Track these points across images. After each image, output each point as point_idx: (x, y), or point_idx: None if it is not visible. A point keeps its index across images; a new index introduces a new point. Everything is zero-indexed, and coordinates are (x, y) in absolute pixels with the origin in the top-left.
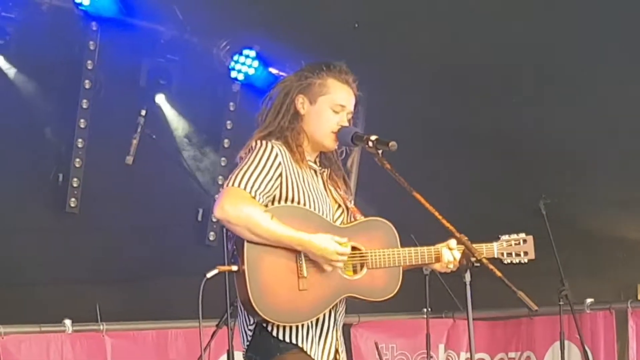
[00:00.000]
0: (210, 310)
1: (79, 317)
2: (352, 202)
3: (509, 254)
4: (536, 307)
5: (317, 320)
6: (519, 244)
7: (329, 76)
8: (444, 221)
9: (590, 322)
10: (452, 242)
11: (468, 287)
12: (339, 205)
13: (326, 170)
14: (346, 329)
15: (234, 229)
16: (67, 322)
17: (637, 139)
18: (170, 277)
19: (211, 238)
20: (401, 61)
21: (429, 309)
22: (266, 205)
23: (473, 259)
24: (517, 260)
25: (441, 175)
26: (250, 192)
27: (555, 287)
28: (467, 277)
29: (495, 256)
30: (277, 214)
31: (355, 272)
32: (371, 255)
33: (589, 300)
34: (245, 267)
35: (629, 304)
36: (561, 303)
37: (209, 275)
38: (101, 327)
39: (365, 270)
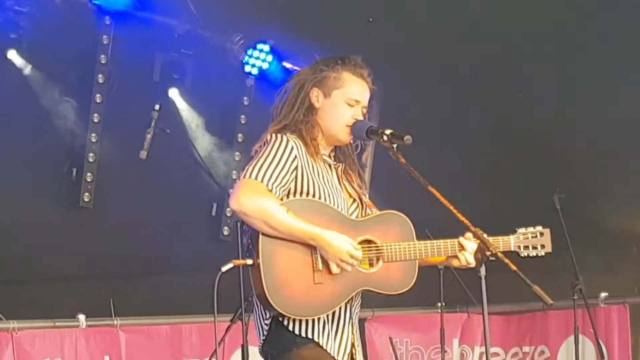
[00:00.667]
0: (225, 305)
1: (93, 312)
2: (367, 196)
3: (526, 247)
4: (551, 301)
5: (333, 314)
6: (536, 237)
7: (344, 70)
8: (459, 215)
9: (604, 316)
10: (468, 235)
11: (483, 281)
12: (354, 200)
13: (341, 164)
14: (360, 323)
15: (250, 221)
16: (81, 317)
17: None
18: (184, 272)
19: (225, 233)
20: (416, 56)
21: (443, 304)
22: (281, 199)
23: (488, 253)
24: (534, 254)
25: (455, 170)
26: (266, 185)
27: (570, 281)
28: (482, 271)
29: (512, 249)
30: (292, 207)
31: (371, 265)
32: (387, 249)
33: (603, 295)
34: (261, 260)
35: None
36: (575, 297)
37: (224, 269)
38: (115, 322)
39: (381, 263)
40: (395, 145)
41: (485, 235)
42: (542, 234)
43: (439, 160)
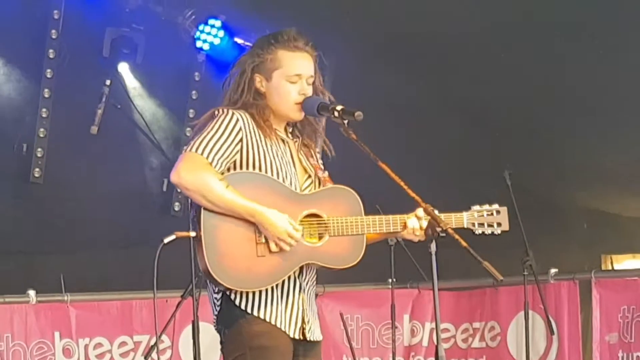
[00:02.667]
0: (178, 281)
1: (43, 288)
2: (326, 172)
3: (481, 225)
4: (501, 277)
5: (282, 290)
6: (492, 214)
7: (279, 48)
8: (410, 191)
9: (554, 292)
10: (420, 211)
11: (434, 257)
12: (309, 175)
13: (297, 139)
14: None
15: (189, 195)
16: (31, 292)
17: (604, 109)
18: (135, 247)
19: (176, 208)
20: (367, 30)
21: (394, 280)
22: (228, 171)
23: (439, 229)
24: (490, 231)
25: (406, 145)
26: (207, 158)
27: (520, 257)
28: (433, 247)
29: (465, 226)
30: (235, 180)
31: (320, 239)
32: (333, 223)
33: (553, 271)
34: (202, 233)
35: (593, 274)
36: (525, 273)
37: (166, 240)
38: (65, 297)
39: (327, 237)
40: (346, 121)
41: (435, 211)
42: (499, 212)
43: (389, 137)
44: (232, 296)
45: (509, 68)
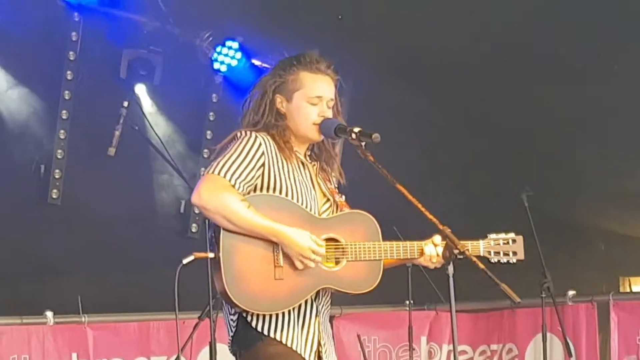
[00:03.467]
0: (194, 302)
1: (60, 309)
2: (343, 197)
3: (497, 253)
4: (518, 299)
5: (299, 312)
6: (508, 243)
7: (300, 70)
8: (427, 213)
9: (572, 314)
10: (437, 238)
11: (451, 279)
12: (327, 199)
13: (316, 163)
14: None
15: (210, 216)
16: (49, 314)
17: (621, 132)
18: (152, 268)
19: (193, 230)
20: (385, 53)
21: (411, 301)
22: (248, 193)
23: (456, 251)
24: (505, 260)
25: (424, 167)
26: (229, 180)
27: (538, 279)
28: (450, 269)
29: (481, 254)
30: (254, 202)
31: (337, 263)
32: (351, 248)
33: (571, 293)
34: (221, 254)
35: (611, 296)
36: (543, 295)
37: (185, 261)
38: (83, 319)
39: (344, 262)
40: (363, 144)
41: (453, 234)
42: (514, 240)
43: (406, 159)
44: (249, 318)
45: (529, 88)
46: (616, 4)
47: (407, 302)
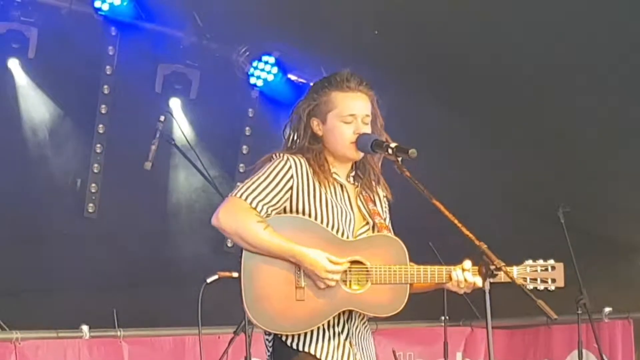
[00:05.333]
0: (233, 317)
1: (96, 323)
2: (386, 218)
3: (533, 280)
4: (555, 316)
5: (333, 330)
6: (547, 270)
7: (332, 90)
8: (463, 229)
9: (608, 331)
10: (467, 264)
11: (487, 295)
12: (367, 222)
13: (359, 184)
14: None
15: (229, 237)
16: (85, 327)
17: None
18: (188, 283)
19: (229, 245)
20: (421, 68)
21: (447, 317)
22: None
23: (492, 267)
24: (543, 287)
25: (459, 183)
26: (251, 203)
27: (574, 295)
28: (487, 285)
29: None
30: (277, 223)
31: (362, 286)
32: (376, 271)
33: (607, 309)
34: (242, 275)
35: None
36: (579, 312)
37: (209, 280)
38: (118, 333)
39: (369, 284)
40: (400, 159)
41: (489, 250)
42: (553, 267)
43: (442, 173)
44: (283, 337)
45: (570, 103)
46: None
47: (443, 317)
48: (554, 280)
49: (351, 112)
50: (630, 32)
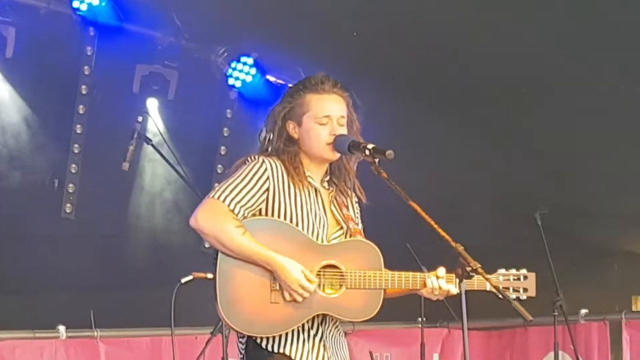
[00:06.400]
0: (208, 318)
1: (73, 324)
2: (359, 224)
3: (506, 289)
4: (531, 318)
5: (309, 331)
6: (519, 279)
7: (307, 93)
8: (440, 230)
9: (584, 332)
10: (441, 271)
11: (463, 296)
12: (341, 227)
13: (333, 189)
14: None
15: (207, 239)
16: (61, 328)
17: (634, 151)
18: (165, 283)
19: (207, 245)
20: (399, 70)
21: (424, 319)
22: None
23: (469, 269)
24: (515, 296)
25: (436, 184)
26: (229, 205)
27: (550, 297)
28: (463, 286)
29: (488, 289)
30: (253, 226)
31: (336, 290)
32: (350, 275)
33: (583, 311)
34: (217, 276)
35: (623, 315)
36: (556, 314)
37: (183, 280)
38: (95, 333)
39: (343, 289)
40: (377, 160)
41: (465, 251)
42: (525, 277)
43: (420, 174)
44: (258, 339)
45: (549, 109)
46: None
47: (420, 319)
48: (525, 290)
49: (326, 114)
50: (613, 34)
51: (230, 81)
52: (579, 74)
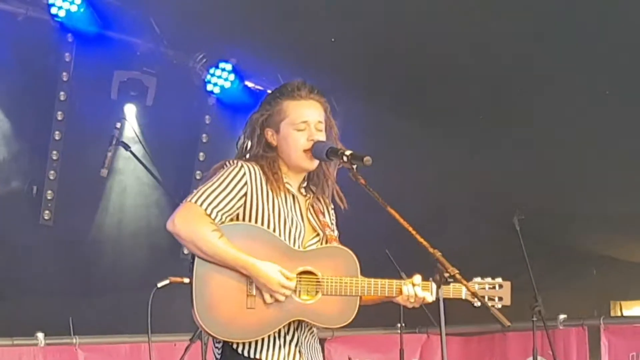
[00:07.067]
0: (187, 324)
1: (51, 331)
2: (335, 231)
3: (482, 297)
4: (509, 323)
5: (285, 337)
6: (494, 288)
7: (284, 99)
8: (418, 237)
9: (563, 338)
10: (417, 278)
11: (441, 302)
12: (317, 233)
13: (310, 196)
14: (320, 343)
15: (183, 244)
16: (40, 335)
17: (612, 155)
18: (144, 289)
19: (185, 252)
20: (377, 76)
21: (403, 324)
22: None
23: (446, 274)
24: (490, 305)
25: (416, 190)
26: (206, 209)
27: (529, 303)
28: (441, 292)
29: (464, 297)
30: (230, 231)
31: (312, 296)
32: (326, 282)
33: (562, 317)
34: (194, 281)
35: (602, 320)
36: (534, 319)
37: (159, 284)
38: (74, 340)
39: (319, 295)
40: (355, 166)
41: (443, 257)
42: (501, 285)
43: (398, 180)
44: (234, 345)
45: (525, 112)
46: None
47: (399, 325)
48: (501, 299)
49: (303, 119)
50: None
51: (209, 87)
52: (558, 80)
